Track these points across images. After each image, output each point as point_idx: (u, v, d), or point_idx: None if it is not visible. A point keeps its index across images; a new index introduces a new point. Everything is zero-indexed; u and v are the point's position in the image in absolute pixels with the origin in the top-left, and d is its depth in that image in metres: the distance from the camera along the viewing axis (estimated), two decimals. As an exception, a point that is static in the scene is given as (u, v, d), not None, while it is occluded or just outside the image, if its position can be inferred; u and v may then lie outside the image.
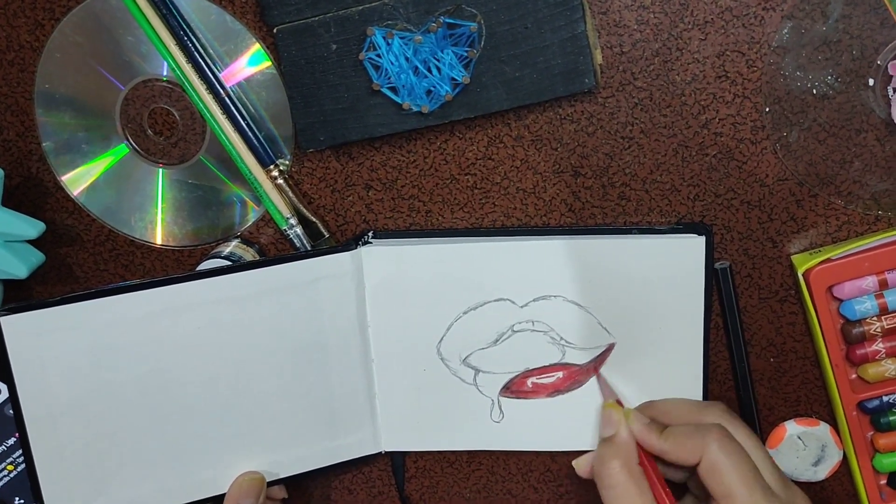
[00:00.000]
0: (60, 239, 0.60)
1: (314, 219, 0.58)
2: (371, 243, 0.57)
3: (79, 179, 0.58)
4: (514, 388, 0.58)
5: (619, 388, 0.57)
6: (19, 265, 0.55)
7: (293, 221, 0.57)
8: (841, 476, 0.59)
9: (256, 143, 0.56)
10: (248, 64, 0.56)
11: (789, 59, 0.53)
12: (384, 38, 0.52)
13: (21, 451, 0.57)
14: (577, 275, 0.56)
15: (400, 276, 0.57)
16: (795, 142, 0.54)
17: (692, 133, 0.55)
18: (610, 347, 0.57)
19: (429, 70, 0.52)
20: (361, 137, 0.55)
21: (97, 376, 0.53)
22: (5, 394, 0.56)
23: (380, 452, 0.60)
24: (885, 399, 0.56)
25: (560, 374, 0.57)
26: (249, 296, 0.54)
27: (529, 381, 0.57)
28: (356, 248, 0.56)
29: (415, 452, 0.62)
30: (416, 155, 0.57)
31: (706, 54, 0.54)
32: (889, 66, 0.52)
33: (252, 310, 0.55)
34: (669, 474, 0.53)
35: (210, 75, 0.56)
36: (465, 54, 0.52)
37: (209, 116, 0.56)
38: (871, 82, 0.52)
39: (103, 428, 0.54)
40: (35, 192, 0.59)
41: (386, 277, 0.57)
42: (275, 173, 0.57)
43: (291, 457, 0.57)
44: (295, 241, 0.58)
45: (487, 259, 0.56)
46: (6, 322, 0.51)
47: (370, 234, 0.58)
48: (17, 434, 0.53)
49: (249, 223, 0.59)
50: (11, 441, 0.58)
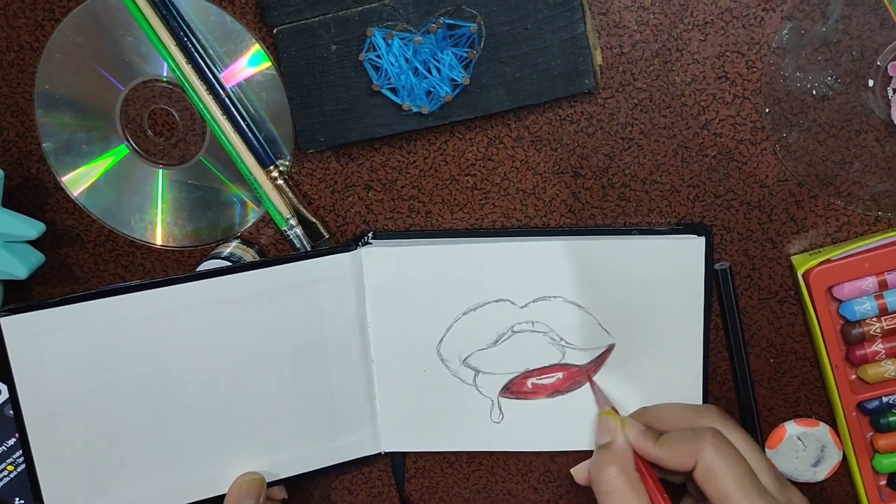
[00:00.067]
0: (60, 239, 0.60)
1: (314, 219, 0.58)
2: (371, 244, 0.57)
3: (79, 180, 0.58)
4: (514, 389, 0.58)
5: (619, 389, 0.57)
6: (19, 266, 0.55)
7: (293, 222, 0.57)
8: (840, 477, 0.59)
9: (256, 144, 0.56)
10: (248, 65, 0.56)
11: (789, 60, 0.53)
12: (384, 39, 0.52)
13: (21, 452, 0.57)
14: (577, 275, 0.56)
15: (400, 277, 0.57)
16: (795, 142, 0.54)
17: (692, 134, 0.55)
18: (610, 348, 0.57)
19: (429, 71, 0.52)
20: (361, 138, 0.55)
21: (97, 377, 0.53)
22: (5, 394, 0.56)
23: (380, 453, 0.60)
24: (885, 400, 0.56)
25: (560, 375, 0.57)
26: (249, 296, 0.54)
27: (529, 382, 0.57)
28: (356, 249, 0.56)
29: (415, 453, 0.62)
30: (416, 156, 0.57)
31: (706, 55, 0.54)
32: (889, 67, 0.52)
33: (252, 310, 0.55)
34: (668, 477, 0.53)
35: (210, 76, 0.56)
36: (465, 55, 0.52)
37: (209, 117, 0.56)
38: (871, 83, 0.52)
39: (103, 428, 0.54)
40: (35, 193, 0.59)
41: (386, 278, 0.57)
42: (275, 174, 0.57)
43: (291, 457, 0.57)
44: (295, 242, 0.58)
45: (487, 260, 0.56)
46: (6, 322, 0.51)
47: (370, 235, 0.58)
48: (17, 434, 0.53)
49: (249, 224, 0.59)
50: (11, 441, 0.58)
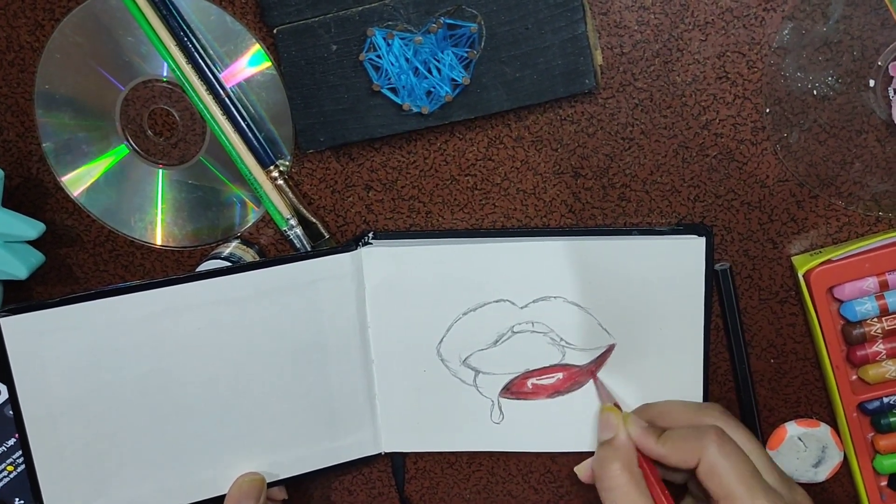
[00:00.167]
0: (60, 240, 0.60)
1: (314, 219, 0.58)
2: (371, 244, 0.57)
3: (79, 180, 0.58)
4: (514, 389, 0.58)
5: (619, 389, 0.57)
6: (19, 266, 0.55)
7: (293, 222, 0.57)
8: (841, 477, 0.59)
9: (256, 144, 0.56)
10: (248, 64, 0.56)
11: (790, 60, 0.53)
12: (384, 39, 0.52)
13: (21, 452, 0.57)
14: (578, 276, 0.55)
15: (400, 277, 0.56)
16: (796, 143, 0.54)
17: (692, 134, 0.55)
18: (610, 348, 0.57)
19: (429, 71, 0.52)
20: (361, 138, 0.54)
21: (97, 377, 0.53)
22: (5, 395, 0.56)
23: (380, 453, 0.59)
24: (886, 400, 0.56)
25: (560, 375, 0.57)
26: (249, 297, 0.54)
27: (529, 382, 0.57)
28: (356, 249, 0.56)
29: (415, 453, 0.62)
30: (417, 156, 0.57)
31: (707, 55, 0.54)
32: (890, 67, 0.52)
33: (252, 311, 0.55)
34: (669, 476, 0.53)
35: (210, 76, 0.55)
36: (466, 55, 0.52)
37: (209, 117, 0.56)
38: (872, 83, 0.52)
39: (103, 428, 0.54)
40: (35, 193, 0.59)
41: (386, 278, 0.57)
42: (275, 174, 0.57)
43: (291, 457, 0.57)
44: (295, 242, 0.58)
45: (487, 260, 0.56)
46: (6, 323, 0.51)
47: (370, 235, 0.57)
48: (17, 435, 0.53)
49: (249, 224, 0.59)
50: (11, 442, 0.58)
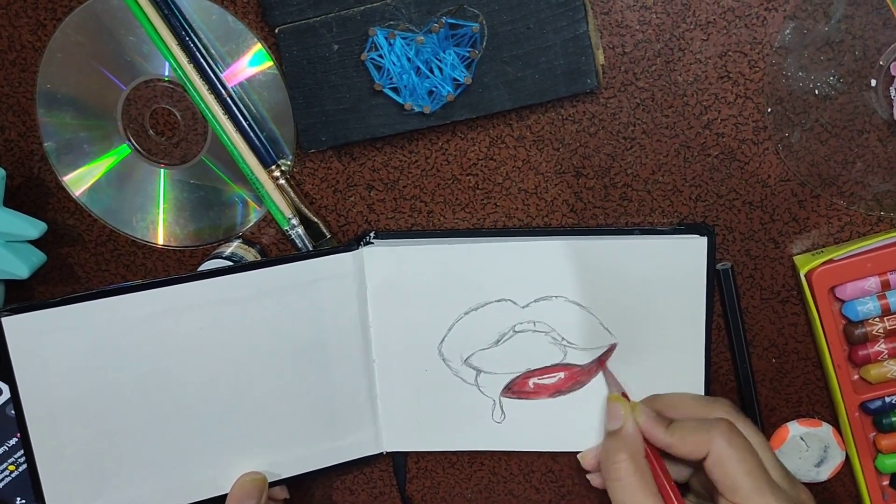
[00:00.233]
0: (62, 239, 0.60)
1: (316, 219, 0.58)
2: (373, 243, 0.57)
3: (80, 180, 0.58)
4: (516, 389, 0.58)
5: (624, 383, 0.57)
6: (21, 265, 0.55)
7: (295, 222, 0.57)
8: (843, 477, 0.59)
9: (258, 144, 0.56)
10: (250, 64, 0.56)
11: (791, 60, 0.53)
12: (386, 39, 0.52)
13: (22, 452, 0.57)
14: (579, 275, 0.55)
15: (401, 277, 0.56)
16: (797, 142, 0.54)
17: (694, 133, 0.55)
18: (611, 348, 0.57)
19: (431, 70, 0.52)
20: (363, 138, 0.54)
21: (98, 376, 0.53)
22: (6, 394, 0.56)
23: (381, 453, 0.59)
24: (888, 400, 0.56)
25: (562, 375, 0.57)
26: (251, 296, 0.54)
27: (531, 382, 0.57)
28: (358, 249, 0.56)
29: (416, 453, 0.62)
30: (418, 155, 0.57)
31: (708, 55, 0.54)
32: (891, 67, 0.52)
33: (253, 310, 0.55)
34: (672, 473, 0.53)
35: (212, 75, 0.56)
36: (467, 55, 0.52)
37: (211, 117, 0.56)
38: (874, 83, 0.52)
39: (104, 428, 0.54)
40: (37, 193, 0.59)
41: (387, 278, 0.57)
42: (276, 174, 0.57)
43: (293, 457, 0.57)
44: (297, 242, 0.58)
45: (489, 259, 0.56)
46: (8, 322, 0.51)
47: (372, 235, 0.57)
48: (19, 434, 0.53)
49: (251, 224, 0.59)
50: (13, 441, 0.58)
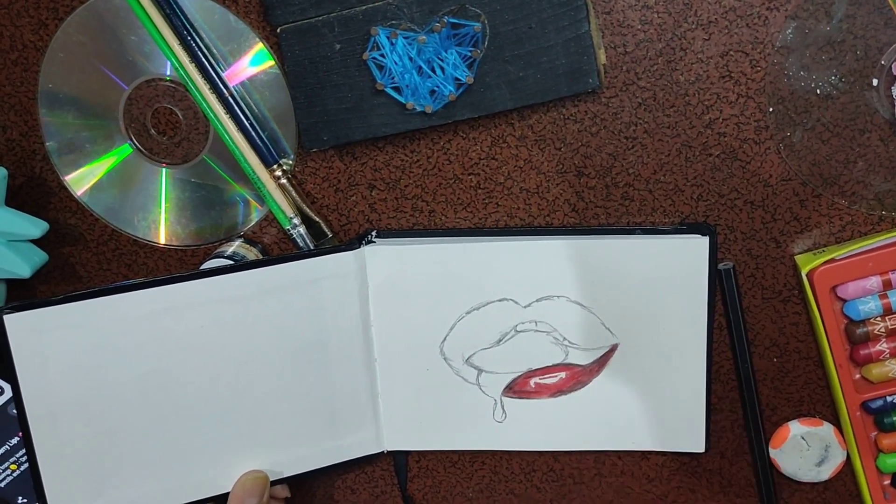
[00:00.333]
0: (64, 238, 0.60)
1: (317, 218, 0.58)
2: (374, 243, 0.57)
3: (82, 179, 0.58)
4: (517, 389, 0.58)
5: (622, 389, 0.57)
6: (23, 264, 0.55)
7: (296, 221, 0.57)
8: (844, 476, 0.59)
9: (260, 143, 0.56)
10: (252, 63, 0.56)
11: (793, 59, 0.53)
12: (388, 38, 0.52)
13: (23, 451, 0.57)
14: (581, 275, 0.55)
15: (403, 276, 0.56)
16: (799, 142, 0.54)
17: (696, 133, 0.55)
18: (613, 348, 0.57)
19: (432, 70, 0.52)
20: (365, 137, 0.55)
21: (100, 375, 0.53)
22: (8, 394, 0.56)
23: (382, 452, 0.59)
24: (889, 399, 0.56)
25: (563, 375, 0.57)
26: (252, 295, 0.54)
27: (532, 382, 0.57)
28: (359, 248, 0.56)
29: (417, 452, 0.62)
30: (420, 155, 0.57)
31: (710, 54, 0.54)
32: (893, 67, 0.52)
33: (255, 309, 0.55)
34: None
35: (213, 75, 0.56)
36: (469, 54, 0.52)
37: (212, 116, 0.56)
38: (875, 82, 0.52)
39: (105, 426, 0.54)
40: (38, 192, 0.59)
41: (389, 277, 0.57)
42: (278, 173, 0.57)
43: (294, 456, 0.57)
44: (298, 241, 0.58)
45: (490, 259, 0.56)
46: (10, 320, 0.51)
47: (373, 234, 0.57)
48: (21, 433, 0.53)
49: (253, 223, 0.59)
50: (14, 440, 0.58)
